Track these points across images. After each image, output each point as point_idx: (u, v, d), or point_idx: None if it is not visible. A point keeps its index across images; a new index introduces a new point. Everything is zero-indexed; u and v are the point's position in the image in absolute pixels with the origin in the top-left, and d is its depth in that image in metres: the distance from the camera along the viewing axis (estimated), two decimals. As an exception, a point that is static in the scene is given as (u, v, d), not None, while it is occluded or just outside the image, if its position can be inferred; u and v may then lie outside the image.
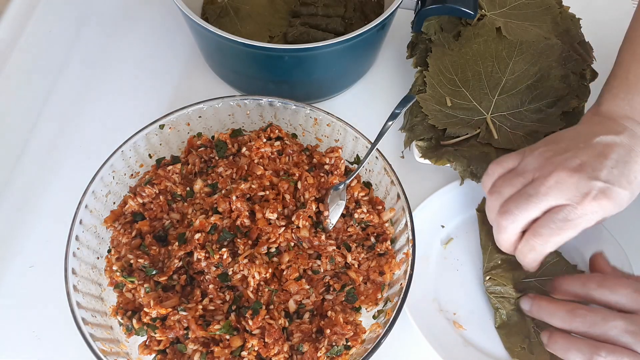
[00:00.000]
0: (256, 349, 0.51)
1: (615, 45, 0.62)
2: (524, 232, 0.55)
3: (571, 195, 0.52)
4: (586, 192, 0.52)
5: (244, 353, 0.51)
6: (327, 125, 0.64)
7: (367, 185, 0.64)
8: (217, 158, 0.62)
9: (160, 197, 0.59)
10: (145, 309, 0.52)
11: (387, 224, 0.61)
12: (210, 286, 0.54)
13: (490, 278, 0.61)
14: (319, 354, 0.52)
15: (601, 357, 0.48)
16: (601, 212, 0.52)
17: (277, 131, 0.63)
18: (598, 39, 0.75)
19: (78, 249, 0.55)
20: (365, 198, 0.62)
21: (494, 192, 0.56)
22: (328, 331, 0.53)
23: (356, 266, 0.58)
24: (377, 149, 0.60)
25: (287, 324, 0.54)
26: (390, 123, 0.60)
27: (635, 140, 0.54)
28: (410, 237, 0.56)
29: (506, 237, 0.56)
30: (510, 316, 0.59)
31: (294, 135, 0.66)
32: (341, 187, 0.60)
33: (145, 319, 0.52)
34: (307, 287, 0.55)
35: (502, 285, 0.60)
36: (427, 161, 0.66)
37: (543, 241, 0.53)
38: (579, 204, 0.52)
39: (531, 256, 0.55)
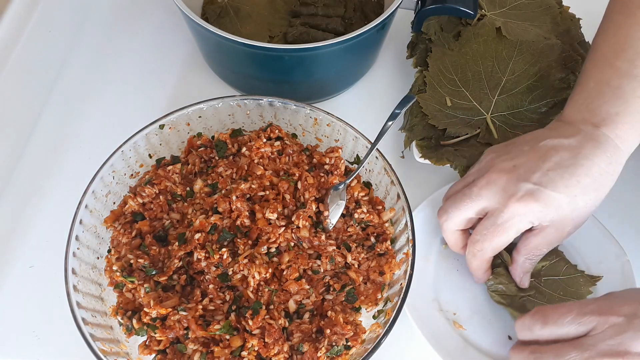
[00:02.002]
0: (256, 349, 0.51)
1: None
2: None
3: (499, 197, 0.52)
4: (512, 193, 0.52)
5: (244, 353, 0.51)
6: (327, 125, 0.64)
7: (367, 185, 0.64)
8: (217, 158, 0.62)
9: (160, 197, 0.59)
10: (145, 309, 0.52)
11: (387, 224, 0.61)
12: (210, 286, 0.54)
13: (493, 276, 0.61)
14: (319, 354, 0.52)
15: None
16: (530, 215, 0.52)
17: (277, 131, 0.63)
18: (598, 39, 0.75)
19: (78, 249, 0.55)
20: (365, 198, 0.62)
21: (445, 195, 0.59)
22: (328, 331, 0.53)
23: (356, 266, 0.58)
24: (377, 149, 0.60)
25: (287, 324, 0.54)
26: (390, 123, 0.60)
27: (587, 143, 0.53)
28: (410, 237, 0.56)
29: (446, 236, 0.58)
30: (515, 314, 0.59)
31: (294, 135, 0.66)
32: (341, 187, 0.60)
33: (145, 319, 0.52)
34: (307, 287, 0.55)
35: (504, 284, 0.60)
36: (427, 161, 0.66)
37: (479, 247, 0.55)
38: (504, 206, 0.52)
39: (475, 264, 0.57)
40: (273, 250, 0.55)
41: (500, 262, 0.61)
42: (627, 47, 0.55)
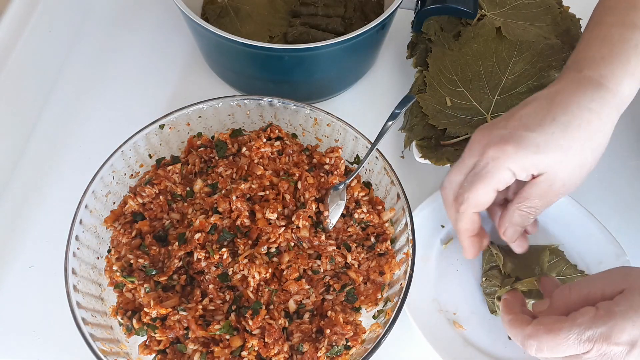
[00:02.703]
0: (256, 349, 0.51)
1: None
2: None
3: (477, 150, 0.52)
4: (487, 142, 0.51)
5: (244, 353, 0.51)
6: (327, 125, 0.64)
7: (367, 185, 0.64)
8: (217, 158, 0.62)
9: (160, 197, 0.59)
10: (145, 309, 0.52)
11: (387, 224, 0.61)
12: (210, 286, 0.54)
13: (486, 279, 0.61)
14: (319, 354, 0.52)
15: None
16: (507, 160, 0.49)
17: (277, 131, 0.63)
18: (598, 39, 0.75)
19: (78, 249, 0.55)
20: (365, 198, 0.62)
21: None
22: (328, 331, 0.53)
23: (356, 266, 0.58)
24: (377, 149, 0.60)
25: (287, 324, 0.54)
26: (390, 123, 0.60)
27: (567, 86, 0.51)
28: (410, 237, 0.56)
29: (447, 209, 0.56)
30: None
31: (294, 135, 0.66)
32: (341, 187, 0.60)
33: (145, 319, 0.52)
34: (307, 287, 0.55)
35: (498, 287, 0.60)
36: (427, 161, 0.66)
37: (461, 200, 0.53)
38: (481, 155, 0.51)
39: (461, 224, 0.54)
40: (273, 250, 0.55)
41: (495, 266, 0.61)
42: (615, 5, 0.54)
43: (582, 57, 0.53)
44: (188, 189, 0.60)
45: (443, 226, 0.66)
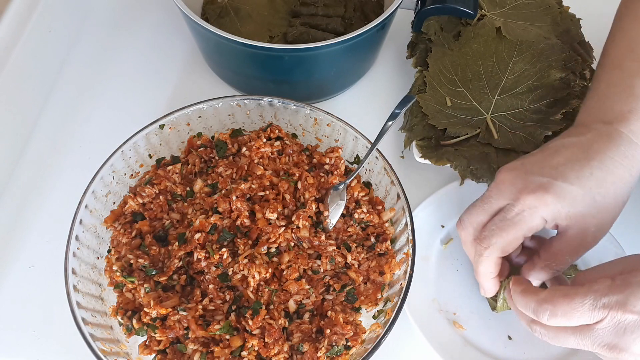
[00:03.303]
0: (256, 349, 0.51)
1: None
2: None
3: (508, 193, 0.51)
4: (522, 187, 0.50)
5: (244, 353, 0.51)
6: (327, 125, 0.64)
7: (367, 185, 0.64)
8: (217, 158, 0.62)
9: (160, 197, 0.59)
10: (145, 309, 0.52)
11: (387, 224, 0.61)
12: (210, 286, 0.54)
13: None
14: (319, 354, 0.52)
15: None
16: (543, 209, 0.49)
17: (277, 131, 0.63)
18: (598, 39, 0.75)
19: (78, 249, 0.55)
20: (365, 198, 0.62)
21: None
22: (328, 331, 0.53)
23: (356, 266, 0.58)
24: (377, 149, 0.60)
25: (287, 324, 0.54)
26: (390, 123, 0.60)
27: (599, 138, 0.52)
28: (410, 237, 0.56)
29: (466, 248, 0.55)
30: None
31: (294, 135, 0.66)
32: (341, 187, 0.60)
33: (145, 319, 0.52)
34: (307, 287, 0.55)
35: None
36: (427, 161, 0.66)
37: (486, 244, 0.52)
38: (515, 199, 0.50)
39: (482, 267, 0.53)
40: (273, 250, 0.55)
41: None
42: (635, 48, 0.55)
43: (608, 107, 0.54)
44: (188, 189, 0.60)
45: (443, 226, 0.66)
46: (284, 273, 0.55)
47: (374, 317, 0.57)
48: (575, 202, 0.49)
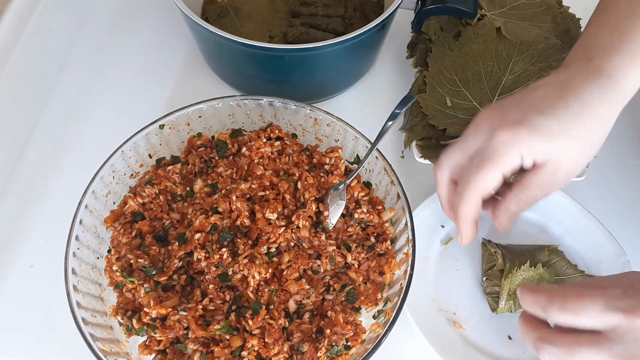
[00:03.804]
0: (256, 349, 0.51)
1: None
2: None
3: (485, 132, 0.49)
4: (497, 124, 0.48)
5: (244, 353, 0.51)
6: (327, 125, 0.64)
7: (367, 185, 0.64)
8: (217, 158, 0.62)
9: (160, 197, 0.59)
10: (145, 309, 0.52)
11: (387, 224, 0.61)
12: (210, 286, 0.54)
13: (487, 279, 0.61)
14: (319, 354, 0.52)
15: None
16: (519, 144, 0.47)
17: (277, 131, 0.63)
18: (598, 39, 0.75)
19: (78, 249, 0.55)
20: (365, 198, 0.62)
21: None
22: (328, 331, 0.53)
23: (356, 266, 0.58)
24: (377, 149, 0.60)
25: (287, 324, 0.54)
26: (390, 123, 0.60)
27: (577, 74, 0.50)
28: (410, 237, 0.56)
29: (439, 190, 0.54)
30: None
31: (294, 135, 0.66)
32: (341, 187, 0.60)
33: (145, 319, 0.52)
34: (307, 287, 0.55)
35: (499, 286, 0.60)
36: (427, 161, 0.66)
37: (465, 184, 0.50)
38: (491, 135, 0.48)
39: (462, 209, 0.51)
40: (273, 250, 0.55)
41: (494, 265, 0.61)
42: None
43: (591, 45, 0.52)
44: (188, 189, 0.60)
45: (443, 226, 0.66)
46: (284, 273, 0.55)
47: (374, 317, 0.57)
48: (551, 136, 0.47)
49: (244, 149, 0.61)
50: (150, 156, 0.64)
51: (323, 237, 0.57)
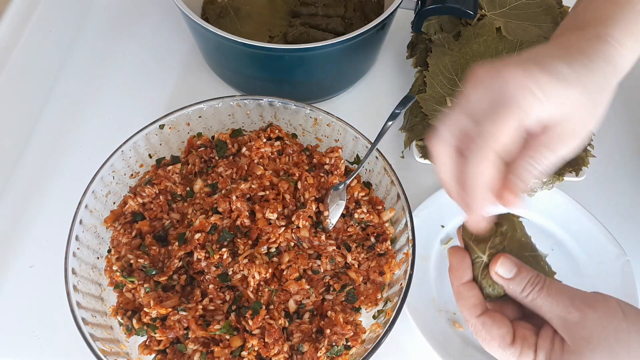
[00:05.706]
0: (256, 349, 0.51)
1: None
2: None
3: (489, 80, 0.42)
4: (505, 68, 0.41)
5: (244, 353, 0.51)
6: (327, 125, 0.64)
7: (367, 185, 0.64)
8: (217, 158, 0.62)
9: (160, 197, 0.59)
10: (145, 309, 0.52)
11: (387, 224, 0.61)
12: (210, 286, 0.54)
13: (484, 279, 0.61)
14: (319, 354, 0.52)
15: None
16: (535, 87, 0.40)
17: (277, 131, 0.63)
18: (598, 39, 0.75)
19: (78, 249, 0.55)
20: (365, 198, 0.62)
21: None
22: (328, 331, 0.53)
23: (356, 266, 0.58)
24: (377, 149, 0.60)
25: (287, 324, 0.54)
26: (390, 123, 0.60)
27: (572, 36, 0.46)
28: (410, 237, 0.56)
29: (436, 160, 0.44)
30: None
31: (294, 135, 0.66)
32: (341, 187, 0.60)
33: (145, 319, 0.52)
34: (307, 287, 0.55)
35: (492, 287, 0.60)
36: (427, 161, 0.66)
37: (477, 140, 0.41)
38: (499, 82, 0.41)
39: (475, 169, 0.41)
40: (273, 250, 0.55)
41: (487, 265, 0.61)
42: None
43: (584, 18, 0.48)
44: (188, 189, 0.60)
45: (443, 226, 0.66)
46: (284, 273, 0.55)
47: (374, 317, 0.57)
48: (568, 82, 0.41)
49: (244, 149, 0.61)
50: (150, 156, 0.64)
51: (323, 237, 0.57)
